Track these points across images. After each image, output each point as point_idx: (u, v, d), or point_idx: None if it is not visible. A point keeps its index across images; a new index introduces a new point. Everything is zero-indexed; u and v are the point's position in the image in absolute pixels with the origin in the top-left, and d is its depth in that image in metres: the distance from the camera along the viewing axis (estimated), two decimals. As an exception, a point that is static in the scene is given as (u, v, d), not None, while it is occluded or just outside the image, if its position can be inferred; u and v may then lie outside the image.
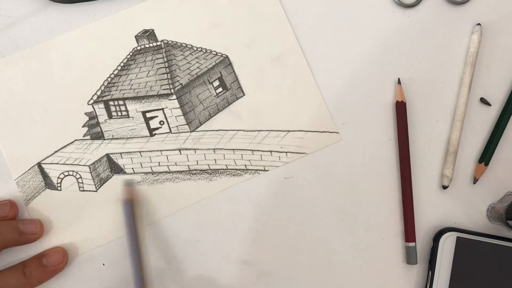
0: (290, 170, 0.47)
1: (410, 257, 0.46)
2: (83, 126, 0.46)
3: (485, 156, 0.47)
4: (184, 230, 0.46)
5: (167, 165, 0.46)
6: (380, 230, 0.47)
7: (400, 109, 0.47)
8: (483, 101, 0.48)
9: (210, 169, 0.46)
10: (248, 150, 0.46)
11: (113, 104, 0.46)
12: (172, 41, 0.47)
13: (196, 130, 0.47)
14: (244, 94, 0.47)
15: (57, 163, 0.45)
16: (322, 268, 0.46)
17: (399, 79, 0.48)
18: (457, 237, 0.45)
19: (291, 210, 0.46)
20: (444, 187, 0.47)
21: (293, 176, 0.47)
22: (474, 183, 0.47)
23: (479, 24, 0.48)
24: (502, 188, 0.48)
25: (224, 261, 0.46)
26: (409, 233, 0.46)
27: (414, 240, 0.46)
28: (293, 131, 0.47)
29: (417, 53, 0.48)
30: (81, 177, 0.46)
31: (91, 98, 0.46)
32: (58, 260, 0.43)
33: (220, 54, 0.47)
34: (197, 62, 0.47)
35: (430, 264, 0.46)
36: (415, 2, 0.48)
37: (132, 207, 0.42)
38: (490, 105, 0.48)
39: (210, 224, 0.46)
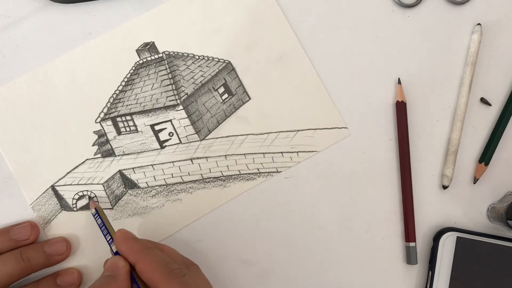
0: (290, 170, 0.47)
1: (410, 257, 0.46)
2: (93, 145, 0.46)
3: (485, 156, 0.47)
4: (184, 230, 0.46)
5: (181, 176, 0.46)
6: (380, 230, 0.47)
7: (400, 109, 0.47)
8: (483, 101, 0.48)
9: (224, 176, 0.46)
10: (259, 153, 0.46)
11: (120, 120, 0.46)
12: (174, 52, 0.47)
13: (206, 138, 0.47)
14: (250, 98, 0.47)
15: (70, 184, 0.45)
16: (322, 268, 0.46)
17: (399, 79, 0.48)
18: (457, 237, 0.45)
19: (291, 210, 0.46)
20: (444, 187, 0.47)
21: (293, 176, 0.47)
22: (474, 183, 0.47)
23: (479, 24, 0.48)
24: (502, 188, 0.48)
25: (224, 261, 0.46)
26: (409, 233, 0.46)
27: (414, 240, 0.46)
28: (302, 130, 0.47)
29: (417, 53, 0.48)
30: (96, 196, 0.45)
31: (98, 116, 0.46)
32: (72, 281, 0.43)
33: (223, 60, 0.47)
34: (200, 70, 0.47)
35: (430, 264, 0.46)
36: (415, 2, 0.48)
37: (100, 213, 0.43)
38: (490, 105, 0.48)
39: (210, 224, 0.46)
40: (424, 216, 0.47)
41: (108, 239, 0.41)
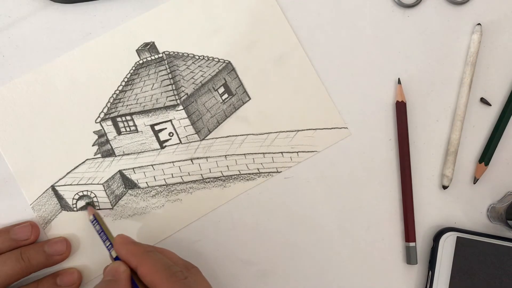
0: (290, 170, 0.47)
1: (410, 257, 0.46)
2: (93, 145, 0.46)
3: (485, 156, 0.47)
4: (184, 230, 0.46)
5: (181, 176, 0.46)
6: (380, 230, 0.47)
7: (400, 109, 0.47)
8: (483, 101, 0.48)
9: (224, 176, 0.46)
10: (259, 153, 0.46)
11: (120, 120, 0.46)
12: (174, 52, 0.47)
13: (206, 138, 0.47)
14: (250, 98, 0.47)
15: (70, 184, 0.45)
16: (322, 268, 0.46)
17: (399, 79, 0.48)
18: (457, 237, 0.45)
19: (291, 210, 0.46)
20: (444, 187, 0.47)
21: (293, 176, 0.47)
22: (474, 183, 0.47)
23: (479, 24, 0.48)
24: (502, 188, 0.48)
25: (224, 261, 0.46)
26: (409, 233, 0.46)
27: (414, 240, 0.46)
28: (302, 130, 0.47)
29: (417, 53, 0.48)
30: (96, 196, 0.45)
31: (98, 116, 0.46)
32: (72, 281, 0.43)
33: (223, 61, 0.47)
34: (201, 70, 0.47)
35: (430, 264, 0.46)
36: (415, 2, 0.48)
37: (99, 219, 0.43)
38: (490, 105, 0.48)
39: (210, 224, 0.46)
40: (424, 216, 0.47)
41: (107, 245, 0.41)
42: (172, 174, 0.46)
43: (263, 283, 0.46)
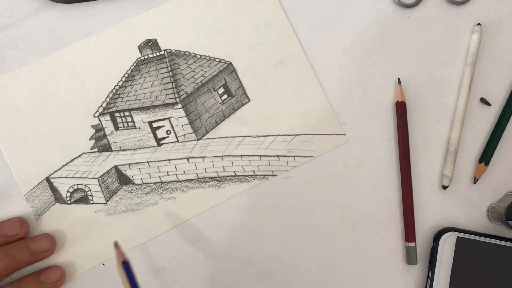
0: (291, 170, 0.47)
1: (410, 257, 0.46)
2: (90, 139, 0.46)
3: (485, 156, 0.47)
4: (184, 229, 0.46)
5: (176, 174, 0.46)
6: (380, 230, 0.47)
7: (400, 109, 0.47)
8: (483, 101, 0.48)
9: (219, 177, 0.46)
10: (255, 156, 0.46)
11: (119, 115, 0.46)
12: (175, 50, 0.47)
13: (203, 138, 0.47)
14: (249, 100, 0.47)
15: (65, 177, 0.45)
16: (322, 268, 0.46)
17: (399, 79, 0.48)
18: (457, 237, 0.45)
19: (291, 210, 0.46)
20: (444, 187, 0.47)
21: (293, 176, 0.47)
22: (474, 183, 0.47)
23: (479, 24, 0.48)
24: (502, 188, 0.48)
25: (224, 261, 0.46)
26: (409, 233, 0.46)
27: (414, 240, 0.46)
28: (300, 135, 0.47)
29: (417, 53, 0.48)
30: (90, 190, 0.46)
31: (97, 111, 0.46)
32: (56, 277, 0.43)
33: (224, 61, 0.47)
34: (201, 70, 0.47)
35: (430, 264, 0.46)
36: (415, 2, 0.48)
37: (129, 266, 0.39)
38: (490, 105, 0.48)
39: (210, 224, 0.46)
40: (424, 216, 0.47)
41: None
42: (167, 172, 0.46)
43: (263, 283, 0.46)
